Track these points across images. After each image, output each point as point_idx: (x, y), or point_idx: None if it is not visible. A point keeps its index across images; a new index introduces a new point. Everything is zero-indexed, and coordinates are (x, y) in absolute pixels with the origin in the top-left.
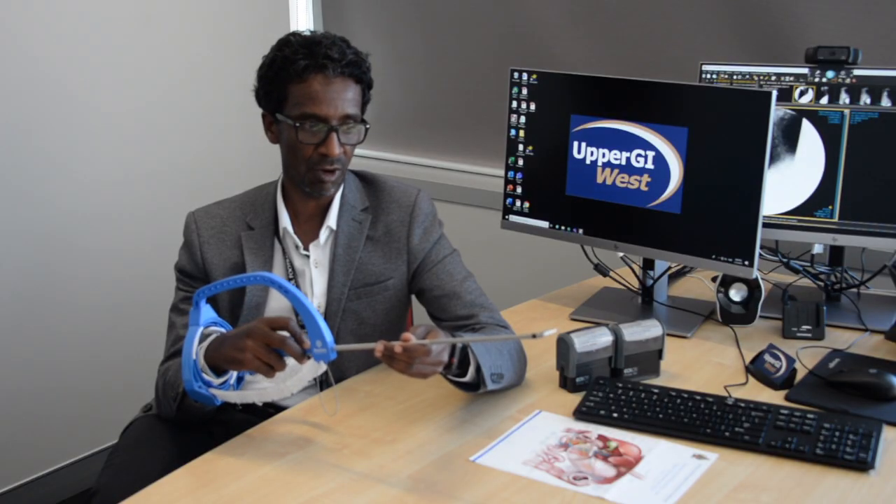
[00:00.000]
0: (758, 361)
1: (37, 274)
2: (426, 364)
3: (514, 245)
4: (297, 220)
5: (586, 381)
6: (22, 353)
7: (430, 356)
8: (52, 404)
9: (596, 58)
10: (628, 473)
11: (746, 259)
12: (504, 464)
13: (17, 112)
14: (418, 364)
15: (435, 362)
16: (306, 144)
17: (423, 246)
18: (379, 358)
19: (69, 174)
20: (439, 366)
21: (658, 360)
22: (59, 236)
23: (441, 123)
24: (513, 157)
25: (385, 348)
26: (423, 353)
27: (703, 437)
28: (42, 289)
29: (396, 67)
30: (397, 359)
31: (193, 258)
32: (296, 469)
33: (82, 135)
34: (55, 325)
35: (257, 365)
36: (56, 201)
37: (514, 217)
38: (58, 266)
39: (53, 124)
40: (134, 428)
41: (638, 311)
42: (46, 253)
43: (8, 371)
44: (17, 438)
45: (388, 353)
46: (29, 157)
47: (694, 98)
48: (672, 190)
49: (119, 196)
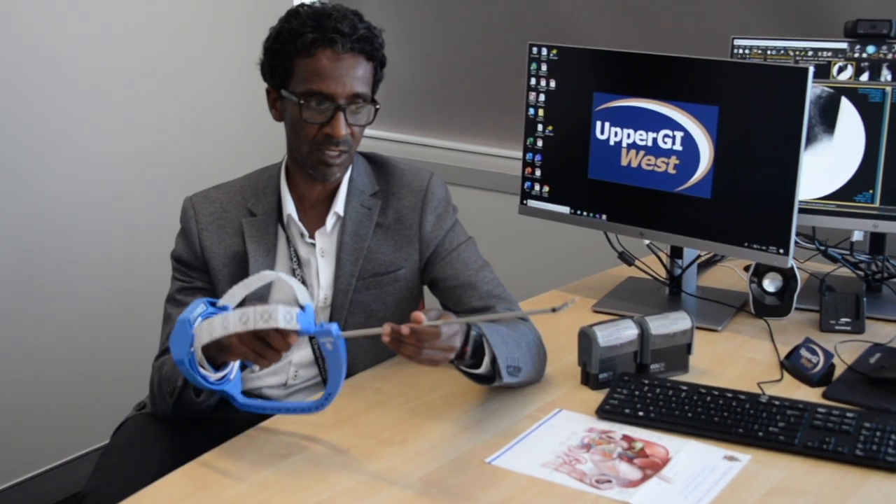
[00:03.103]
0: (793, 356)
1: (23, 261)
2: (437, 349)
3: (533, 232)
4: (302, 205)
5: (610, 378)
6: (4, 346)
7: (441, 339)
8: (37, 401)
9: (620, 31)
10: (655, 476)
11: (781, 247)
12: (522, 466)
13: (8, 88)
14: (428, 349)
15: (446, 347)
16: (311, 123)
17: (437, 233)
18: (386, 343)
19: (59, 155)
20: (451, 352)
21: (687, 355)
22: (47, 222)
23: (455, 102)
24: (531, 138)
25: (392, 331)
26: (432, 335)
27: (735, 437)
28: (28, 277)
29: (407, 42)
30: (405, 343)
31: (191, 246)
32: (299, 471)
33: (75, 114)
34: (41, 317)
35: (244, 351)
36: (43, 184)
37: (533, 202)
38: (46, 252)
39: (44, 102)
40: (126, 427)
41: (665, 303)
42: (33, 239)
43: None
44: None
45: (395, 337)
46: (18, 136)
47: (725, 75)
48: (702, 173)
49: (112, 179)
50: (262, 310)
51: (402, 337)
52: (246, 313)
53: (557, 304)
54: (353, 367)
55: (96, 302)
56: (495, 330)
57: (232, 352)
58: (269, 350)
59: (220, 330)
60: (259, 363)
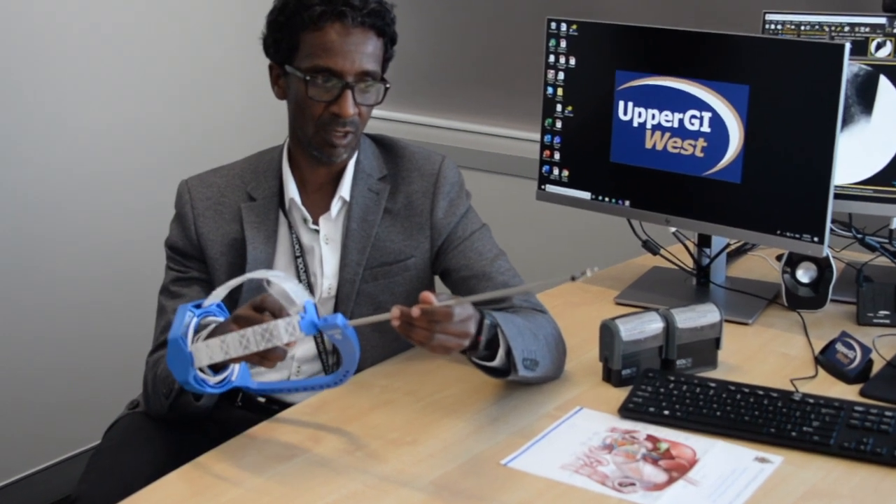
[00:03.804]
0: (829, 351)
1: (5, 246)
2: (449, 333)
3: (552, 219)
4: (306, 189)
5: (633, 374)
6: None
7: (453, 322)
8: (22, 398)
9: (645, 5)
10: (681, 479)
11: (816, 235)
12: (540, 468)
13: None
14: (440, 333)
15: (459, 332)
16: (317, 101)
17: (449, 220)
18: (396, 328)
19: (44, 132)
20: (465, 338)
21: (715, 349)
22: (30, 204)
23: (469, 81)
24: (550, 118)
25: (402, 314)
26: (444, 316)
27: (767, 437)
28: (8, 263)
29: (418, 16)
30: (416, 326)
31: (186, 233)
32: (302, 474)
33: (62, 90)
34: (25, 307)
35: (243, 359)
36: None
37: (552, 187)
38: (29, 238)
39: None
40: (119, 427)
41: (692, 294)
42: (14, 223)
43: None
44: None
45: (405, 321)
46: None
47: (756, 52)
48: (731, 156)
49: (100, 160)
50: (261, 329)
51: (412, 320)
52: (245, 336)
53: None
54: (360, 363)
55: (85, 292)
56: (511, 321)
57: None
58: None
59: (219, 355)
60: (263, 365)
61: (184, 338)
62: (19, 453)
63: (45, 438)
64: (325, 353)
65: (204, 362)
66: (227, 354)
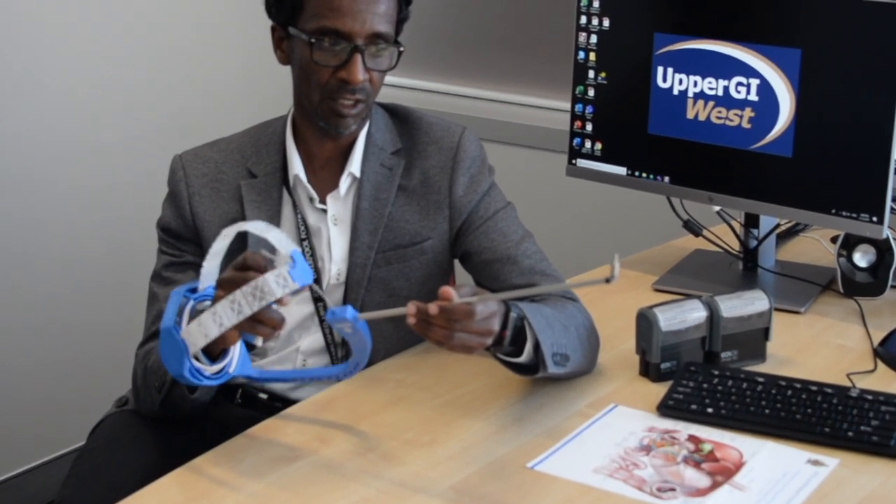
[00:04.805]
0: (889, 343)
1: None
2: (471, 332)
3: (583, 197)
4: (312, 165)
5: (673, 368)
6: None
7: (475, 320)
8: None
9: None
10: (726, 484)
11: (875, 214)
12: (570, 472)
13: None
14: (461, 332)
15: (482, 331)
16: (323, 66)
17: (470, 198)
18: (411, 326)
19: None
20: (487, 336)
21: (764, 341)
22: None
23: (492, 44)
24: (581, 86)
25: (418, 310)
26: (465, 314)
27: (821, 437)
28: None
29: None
30: (434, 325)
31: (181, 213)
32: (308, 478)
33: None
34: (3, 296)
35: (238, 332)
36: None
37: (583, 162)
38: (5, 216)
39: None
40: (105, 426)
41: (738, 280)
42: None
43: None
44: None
45: (421, 318)
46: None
47: (809, 12)
48: (781, 128)
49: (80, 131)
50: (250, 289)
51: (429, 317)
52: (236, 300)
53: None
54: (372, 355)
55: (66, 277)
56: (539, 311)
57: (226, 337)
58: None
59: (214, 329)
60: (261, 333)
61: (177, 327)
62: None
63: (23, 440)
64: (334, 345)
65: (200, 344)
66: (221, 326)
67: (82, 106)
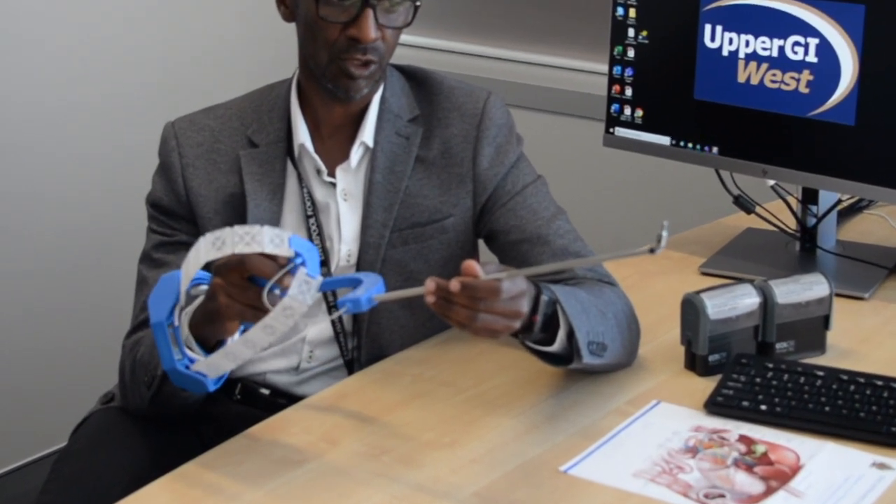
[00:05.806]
0: None
1: None
2: (496, 313)
3: (622, 170)
4: (320, 133)
5: (723, 361)
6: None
7: (502, 299)
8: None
9: None
10: (781, 489)
11: None
12: (608, 476)
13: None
14: (485, 313)
15: (509, 312)
16: (331, 23)
17: (496, 171)
18: (430, 306)
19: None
20: (515, 319)
21: (823, 330)
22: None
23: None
24: (620, 46)
25: (437, 288)
26: (490, 292)
27: (887, 438)
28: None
29: None
30: (455, 304)
31: (173, 187)
32: (315, 484)
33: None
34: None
35: (237, 309)
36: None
37: (622, 130)
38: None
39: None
40: (90, 425)
41: (795, 263)
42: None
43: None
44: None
45: (441, 297)
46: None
47: None
48: (843, 93)
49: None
50: (242, 231)
51: (450, 296)
52: (220, 236)
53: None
54: (386, 347)
55: (45, 259)
56: (574, 296)
57: (223, 314)
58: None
59: (192, 264)
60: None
61: (170, 317)
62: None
63: (2, 440)
64: (343, 335)
65: (192, 273)
66: (198, 260)
67: (63, 68)
